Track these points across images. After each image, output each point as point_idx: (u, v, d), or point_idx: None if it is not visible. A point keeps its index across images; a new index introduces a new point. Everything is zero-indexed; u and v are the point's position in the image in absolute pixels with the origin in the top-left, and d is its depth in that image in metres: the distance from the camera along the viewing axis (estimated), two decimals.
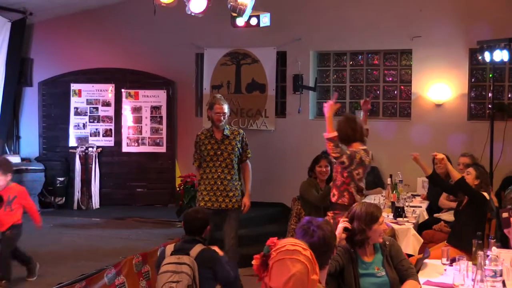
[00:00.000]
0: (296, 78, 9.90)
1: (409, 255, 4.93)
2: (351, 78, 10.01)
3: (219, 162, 6.42)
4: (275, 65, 10.06)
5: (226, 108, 6.38)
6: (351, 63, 10.01)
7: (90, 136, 10.60)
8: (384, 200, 7.06)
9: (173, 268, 4.44)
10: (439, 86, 9.08)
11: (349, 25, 9.57)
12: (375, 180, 8.61)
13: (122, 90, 10.50)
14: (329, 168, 6.99)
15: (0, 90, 10.43)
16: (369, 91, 9.85)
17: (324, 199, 6.26)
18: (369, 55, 9.91)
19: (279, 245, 2.64)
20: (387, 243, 4.18)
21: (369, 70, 9.92)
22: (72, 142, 10.56)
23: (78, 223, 8.69)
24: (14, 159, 9.99)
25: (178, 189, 9.12)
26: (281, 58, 10.21)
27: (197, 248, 4.56)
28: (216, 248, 4.74)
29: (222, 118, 6.32)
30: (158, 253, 4.94)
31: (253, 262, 2.65)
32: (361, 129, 5.68)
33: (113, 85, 10.56)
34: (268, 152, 9.97)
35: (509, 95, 9.12)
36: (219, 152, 6.43)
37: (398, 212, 6.35)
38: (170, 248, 4.64)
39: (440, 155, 6.18)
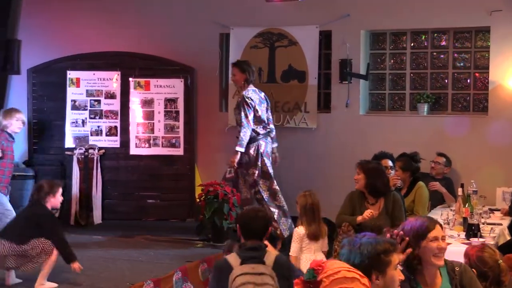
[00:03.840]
0: (344, 64, 9.89)
1: None
2: (412, 63, 9.98)
3: None
4: (318, 48, 10.06)
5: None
6: (412, 44, 9.97)
7: (91, 135, 10.63)
8: (454, 215, 7.01)
9: (251, 280, 4.63)
10: None
11: None
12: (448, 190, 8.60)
13: (130, 79, 10.54)
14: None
15: None
16: (435, 79, 9.79)
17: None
18: (435, 34, 9.86)
19: (331, 270, 2.67)
20: (457, 269, 4.16)
21: (434, 53, 9.88)
22: (69, 143, 10.59)
23: (75, 241, 8.50)
24: None
25: (198, 200, 9.13)
26: (325, 40, 10.19)
27: (270, 255, 4.76)
28: None
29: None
30: (215, 265, 5.07)
31: None
32: None
33: (119, 72, 10.59)
34: (309, 155, 9.99)
35: None
36: None
37: (472, 231, 6.30)
38: (234, 258, 4.78)
39: None
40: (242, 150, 8.84)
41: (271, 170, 9.09)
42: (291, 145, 10.06)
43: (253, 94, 9.02)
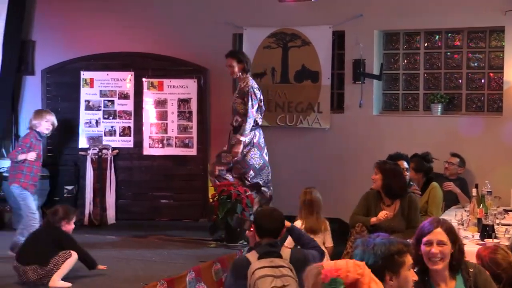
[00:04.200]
0: (357, 64, 9.90)
1: None
2: (426, 63, 9.97)
3: None
4: (331, 48, 10.08)
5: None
6: (426, 44, 9.97)
7: (104, 135, 10.67)
8: (468, 216, 6.98)
9: (270, 272, 4.77)
10: None
11: None
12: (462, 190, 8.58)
13: (143, 79, 10.57)
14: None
15: None
16: (449, 79, 9.77)
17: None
18: (449, 34, 9.86)
19: (355, 267, 2.74)
20: (471, 270, 4.15)
21: (448, 53, 9.87)
22: (83, 143, 10.63)
23: (89, 241, 8.55)
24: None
25: (211, 200, 9.10)
26: (338, 40, 10.20)
27: (286, 249, 5.01)
28: None
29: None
30: (234, 263, 5.31)
31: None
32: None
33: (132, 73, 10.62)
34: (322, 156, 10.01)
35: None
36: None
37: (486, 232, 6.27)
38: (251, 254, 4.96)
39: None
40: (245, 139, 8.92)
41: (253, 161, 9.11)
42: (304, 145, 10.11)
43: (256, 84, 9.14)
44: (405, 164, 7.73)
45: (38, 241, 6.94)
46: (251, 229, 5.28)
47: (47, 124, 8.48)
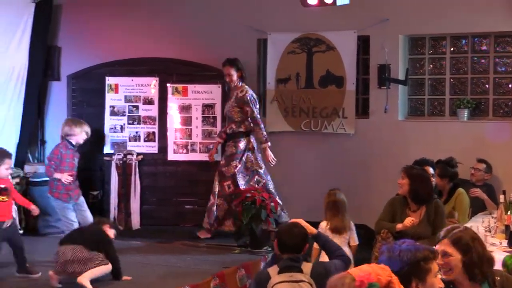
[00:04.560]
0: (382, 69, 9.87)
1: None
2: (452, 68, 9.92)
3: None
4: (356, 53, 10.06)
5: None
6: (452, 49, 9.92)
7: (129, 141, 10.71)
8: (495, 223, 6.90)
9: (289, 287, 4.79)
10: None
11: (450, 1, 9.47)
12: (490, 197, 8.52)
13: (168, 84, 10.59)
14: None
15: (23, 85, 10.66)
16: (475, 84, 9.72)
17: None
18: (476, 39, 9.79)
19: (383, 271, 2.75)
20: (497, 278, 4.12)
21: (475, 58, 9.80)
22: (108, 149, 10.70)
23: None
24: (38, 169, 10.27)
25: (235, 206, 9.05)
26: (363, 44, 10.19)
27: (307, 264, 4.94)
28: None
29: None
30: (256, 276, 5.32)
31: None
32: None
33: (157, 78, 10.65)
34: (347, 161, 9.98)
35: None
36: None
37: None
38: (272, 268, 5.00)
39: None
40: (268, 144, 9.11)
41: (256, 167, 9.24)
42: (329, 151, 10.09)
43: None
44: (431, 170, 7.70)
45: (85, 232, 7.21)
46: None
47: (84, 135, 8.49)
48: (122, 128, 10.72)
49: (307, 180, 9.99)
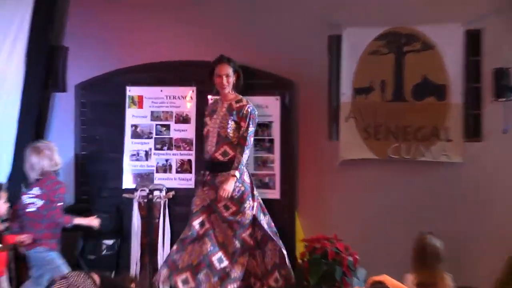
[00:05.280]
0: (499, 74, 8.78)
1: None
2: None
3: None
4: (464, 54, 8.92)
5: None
6: None
7: (157, 172, 9.48)
8: None
9: None
10: None
11: None
12: None
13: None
14: None
15: (17, 97, 9.48)
16: None
17: None
18: None
19: None
20: None
21: None
22: (128, 182, 9.49)
23: None
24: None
25: (300, 261, 8.39)
26: (473, 42, 9.02)
27: None
28: None
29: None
30: None
31: None
32: None
33: (194, 88, 9.42)
34: (452, 199, 8.91)
35: None
36: None
37: None
38: None
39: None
40: (238, 176, 7.98)
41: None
42: (427, 185, 9.05)
43: None
44: None
45: None
46: None
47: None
48: (147, 154, 9.53)
49: (397, 224, 8.95)
